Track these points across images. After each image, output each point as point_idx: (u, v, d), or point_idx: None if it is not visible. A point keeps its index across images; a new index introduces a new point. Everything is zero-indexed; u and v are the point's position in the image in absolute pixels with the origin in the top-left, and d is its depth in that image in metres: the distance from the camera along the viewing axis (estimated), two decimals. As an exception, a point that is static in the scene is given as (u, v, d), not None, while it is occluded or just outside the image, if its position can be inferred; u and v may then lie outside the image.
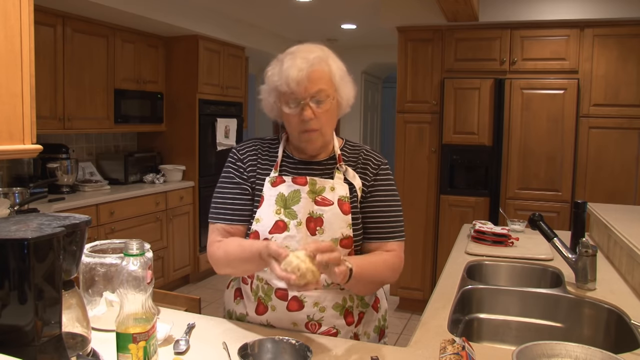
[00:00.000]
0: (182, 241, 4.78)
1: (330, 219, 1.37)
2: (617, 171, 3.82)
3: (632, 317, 1.54)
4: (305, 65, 1.31)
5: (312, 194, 1.39)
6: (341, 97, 1.40)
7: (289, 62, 1.33)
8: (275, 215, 1.38)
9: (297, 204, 1.38)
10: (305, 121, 1.34)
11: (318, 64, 1.33)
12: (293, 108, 1.35)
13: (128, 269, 1.04)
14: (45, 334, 1.02)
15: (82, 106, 3.95)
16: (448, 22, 4.08)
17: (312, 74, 1.32)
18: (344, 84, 1.40)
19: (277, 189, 1.40)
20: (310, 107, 1.33)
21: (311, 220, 1.37)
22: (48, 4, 3.54)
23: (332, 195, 1.40)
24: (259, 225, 1.40)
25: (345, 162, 1.46)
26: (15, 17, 1.27)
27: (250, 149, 1.50)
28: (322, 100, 1.34)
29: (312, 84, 1.32)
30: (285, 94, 1.34)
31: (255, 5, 4.70)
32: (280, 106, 1.38)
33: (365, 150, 1.51)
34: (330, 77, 1.36)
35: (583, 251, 1.79)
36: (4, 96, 1.25)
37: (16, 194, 3.25)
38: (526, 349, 1.16)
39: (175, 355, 1.22)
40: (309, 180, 1.40)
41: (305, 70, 1.31)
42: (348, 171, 1.44)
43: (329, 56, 1.38)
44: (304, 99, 1.33)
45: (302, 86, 1.31)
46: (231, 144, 5.30)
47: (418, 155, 4.28)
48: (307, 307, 1.38)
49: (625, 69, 3.77)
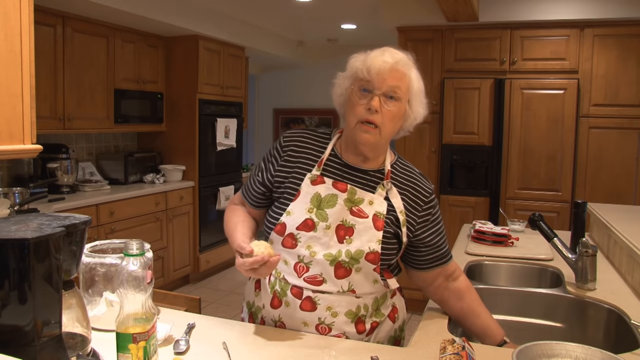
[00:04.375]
0: (182, 241, 4.78)
1: (361, 231, 1.36)
2: (617, 171, 3.82)
3: (632, 317, 1.54)
4: (391, 59, 1.32)
5: (350, 202, 1.37)
6: (412, 109, 1.38)
7: (376, 52, 1.35)
8: (306, 213, 1.37)
9: (331, 208, 1.36)
10: (370, 111, 1.31)
11: (403, 65, 1.34)
12: (364, 97, 1.33)
13: (128, 269, 1.04)
14: (45, 334, 1.02)
15: (82, 106, 3.95)
16: (448, 22, 4.08)
17: (394, 71, 1.32)
18: (418, 100, 1.39)
19: (315, 188, 1.39)
20: (380, 99, 1.31)
21: (342, 227, 1.36)
22: (48, 4, 3.54)
23: (369, 209, 1.37)
24: (289, 218, 1.38)
25: (393, 180, 1.43)
26: (15, 17, 1.27)
27: (298, 139, 1.47)
28: (393, 98, 1.32)
29: (391, 79, 1.31)
30: (362, 80, 1.33)
31: (255, 5, 4.70)
32: (352, 91, 1.36)
33: (416, 174, 1.48)
34: (408, 84, 1.35)
35: (583, 251, 1.79)
36: (4, 96, 1.25)
37: (16, 194, 3.25)
38: (526, 349, 1.16)
39: (175, 355, 1.22)
40: (349, 189, 1.38)
41: (390, 64, 1.31)
42: (392, 190, 1.41)
43: (413, 67, 1.38)
44: (378, 90, 1.31)
45: (381, 77, 1.31)
46: (231, 144, 5.30)
47: (418, 155, 4.28)
48: (320, 309, 1.36)
49: (625, 69, 3.77)
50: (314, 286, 1.36)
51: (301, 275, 1.36)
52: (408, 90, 1.36)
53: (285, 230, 1.38)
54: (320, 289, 1.36)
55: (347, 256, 1.34)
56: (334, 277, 1.35)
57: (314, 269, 1.35)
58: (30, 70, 1.31)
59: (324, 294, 1.36)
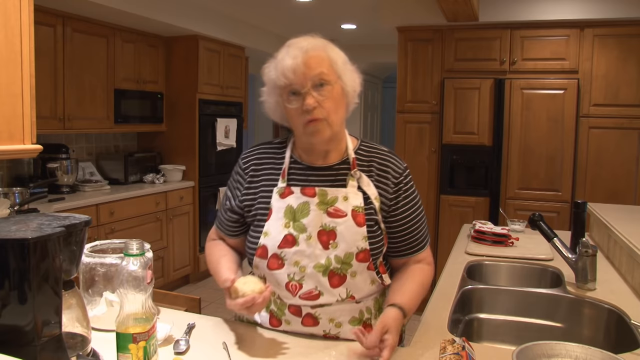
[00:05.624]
0: (182, 241, 4.78)
1: (344, 232, 1.29)
2: (617, 171, 3.82)
3: (632, 317, 1.54)
4: (300, 52, 1.24)
5: (323, 205, 1.31)
6: (345, 83, 1.29)
7: (282, 53, 1.27)
8: (284, 229, 1.31)
9: (306, 217, 1.30)
10: (309, 111, 1.24)
11: (313, 49, 1.26)
12: (294, 101, 1.25)
13: (128, 269, 1.04)
14: (45, 334, 1.02)
15: (82, 106, 3.95)
16: (448, 22, 4.08)
17: (308, 60, 1.24)
18: (347, 70, 1.30)
19: (286, 201, 1.32)
20: (311, 94, 1.24)
21: (323, 233, 1.30)
22: (48, 4, 3.54)
23: (346, 205, 1.31)
24: (267, 239, 1.33)
25: (360, 166, 1.36)
26: (15, 17, 1.27)
27: (255, 156, 1.43)
28: (323, 85, 1.25)
29: (310, 69, 1.23)
30: (285, 87, 1.26)
31: (255, 5, 4.70)
32: (282, 103, 1.29)
33: (383, 153, 1.40)
34: (330, 63, 1.27)
35: (583, 251, 1.79)
36: (4, 96, 1.25)
37: (16, 194, 3.25)
38: (526, 349, 1.16)
39: (175, 355, 1.22)
40: (318, 192, 1.32)
41: (300, 56, 1.23)
42: (362, 178, 1.34)
43: (327, 44, 1.30)
44: (304, 87, 1.24)
45: (300, 73, 1.23)
46: (231, 144, 5.30)
47: (418, 155, 4.28)
48: (323, 323, 1.33)
49: (625, 69, 3.77)
50: (312, 301, 1.31)
51: (296, 294, 1.31)
52: (333, 68, 1.27)
53: (267, 252, 1.33)
54: (318, 302, 1.31)
55: (337, 262, 1.29)
56: (329, 288, 1.30)
57: (307, 284, 1.30)
58: (30, 70, 1.31)
59: (324, 307, 1.32)
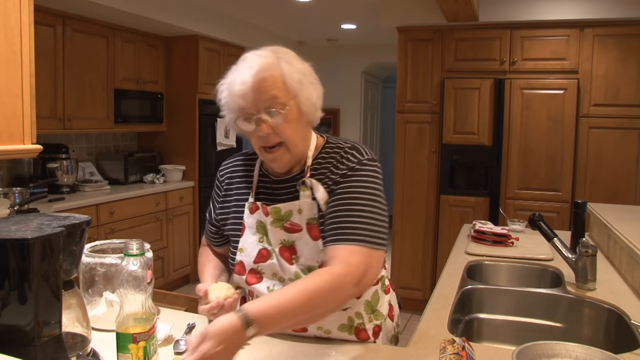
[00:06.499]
0: (182, 241, 4.78)
1: (302, 247, 1.26)
2: (617, 171, 3.82)
3: (632, 317, 1.54)
4: (248, 76, 1.16)
5: (278, 222, 1.27)
6: (301, 102, 1.21)
7: (233, 74, 1.21)
8: (258, 244, 1.30)
9: (267, 234, 1.30)
10: (263, 137, 1.19)
11: (264, 71, 1.17)
12: (248, 124, 1.20)
13: (128, 269, 1.04)
14: (45, 334, 1.02)
15: (82, 106, 3.96)
16: (448, 22, 4.08)
17: (258, 84, 1.16)
18: (304, 87, 1.21)
19: (255, 217, 1.31)
20: (264, 121, 1.18)
21: (285, 249, 1.27)
22: (48, 4, 3.54)
23: (300, 218, 1.26)
24: (243, 255, 1.32)
25: (319, 170, 1.27)
26: (15, 17, 1.27)
27: (230, 169, 1.42)
28: (276, 111, 1.17)
29: (261, 94, 1.16)
30: (237, 110, 1.20)
31: (255, 5, 4.70)
32: (236, 123, 1.24)
33: (343, 149, 1.28)
34: (284, 82, 1.18)
35: (583, 251, 1.79)
36: (4, 96, 1.25)
37: (16, 194, 3.25)
38: (526, 349, 1.16)
39: (175, 355, 1.22)
40: (271, 210, 1.27)
41: (249, 82, 1.16)
42: (313, 182, 1.25)
43: (281, 59, 1.21)
44: (257, 113, 1.17)
45: (249, 100, 1.17)
46: (231, 144, 5.30)
47: (418, 155, 4.28)
48: (311, 329, 1.32)
49: (625, 69, 3.77)
50: None
51: None
52: (286, 87, 1.19)
53: (244, 268, 1.32)
54: None
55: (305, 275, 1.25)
56: None
57: None
58: (30, 70, 1.31)
59: None
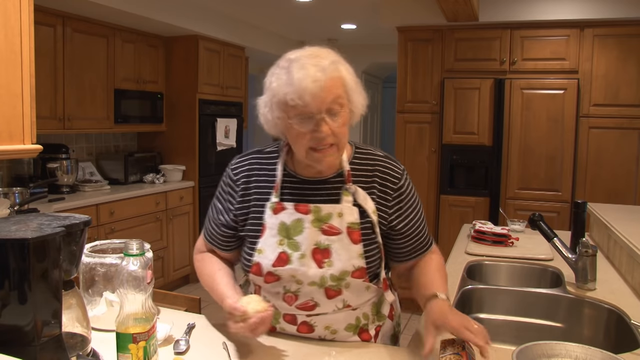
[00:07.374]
0: (182, 241, 4.78)
1: (339, 250, 1.25)
2: (617, 171, 3.82)
3: (632, 317, 1.54)
4: (322, 75, 1.14)
5: (318, 222, 1.25)
6: (355, 105, 1.24)
7: (299, 71, 1.15)
8: (278, 247, 1.26)
9: (300, 234, 1.25)
10: (320, 138, 1.17)
11: (333, 71, 1.17)
12: (306, 124, 1.17)
13: (128, 269, 1.04)
14: (45, 334, 1.02)
15: (82, 106, 3.95)
16: (448, 22, 4.08)
17: (328, 83, 1.15)
18: (356, 91, 1.24)
19: (279, 217, 1.27)
20: (326, 122, 1.16)
21: (318, 251, 1.25)
22: (48, 4, 3.54)
23: (340, 222, 1.25)
24: (262, 257, 1.28)
25: (357, 177, 1.29)
26: (15, 17, 1.27)
27: (246, 167, 1.35)
28: (338, 113, 1.18)
29: (328, 94, 1.15)
30: (296, 107, 1.15)
31: (255, 5, 4.70)
32: (288, 122, 1.19)
33: (380, 160, 1.33)
34: (344, 85, 1.20)
35: (583, 251, 1.79)
36: (4, 96, 1.25)
37: (16, 194, 3.25)
38: (526, 349, 1.16)
39: (175, 355, 1.22)
40: (313, 208, 1.26)
41: (323, 80, 1.14)
42: (358, 192, 1.27)
43: (340, 61, 1.22)
44: (319, 113, 1.15)
45: (318, 98, 1.14)
46: (231, 144, 5.30)
47: (418, 155, 4.28)
48: (318, 330, 1.32)
49: (625, 69, 3.77)
50: (308, 311, 1.30)
51: (292, 304, 1.30)
52: (346, 90, 1.21)
53: (261, 270, 1.28)
54: (314, 312, 1.30)
55: (332, 280, 1.26)
56: (326, 299, 1.28)
57: (303, 295, 1.28)
58: (30, 70, 1.31)
59: (319, 315, 1.30)
